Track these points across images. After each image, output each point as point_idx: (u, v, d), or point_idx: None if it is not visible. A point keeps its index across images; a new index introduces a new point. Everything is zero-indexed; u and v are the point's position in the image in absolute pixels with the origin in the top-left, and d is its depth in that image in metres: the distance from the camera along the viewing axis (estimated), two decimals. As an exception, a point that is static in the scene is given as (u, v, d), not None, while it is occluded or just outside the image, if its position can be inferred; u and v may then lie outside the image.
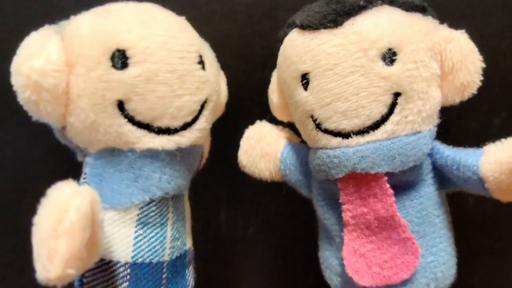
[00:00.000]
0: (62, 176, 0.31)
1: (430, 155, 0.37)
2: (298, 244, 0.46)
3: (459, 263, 0.39)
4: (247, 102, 0.43)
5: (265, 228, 0.51)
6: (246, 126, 0.43)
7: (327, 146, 0.36)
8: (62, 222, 0.28)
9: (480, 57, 0.36)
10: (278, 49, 0.39)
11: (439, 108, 0.36)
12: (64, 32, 0.34)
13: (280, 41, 0.39)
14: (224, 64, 0.46)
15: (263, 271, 0.52)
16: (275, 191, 0.45)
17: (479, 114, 0.46)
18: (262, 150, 0.42)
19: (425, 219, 0.36)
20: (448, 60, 0.35)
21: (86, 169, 0.35)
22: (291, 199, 0.44)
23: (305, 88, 0.36)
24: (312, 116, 0.36)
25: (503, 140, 0.34)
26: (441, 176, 0.38)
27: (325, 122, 0.35)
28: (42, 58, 0.31)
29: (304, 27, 0.36)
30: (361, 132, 0.34)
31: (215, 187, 0.50)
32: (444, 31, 0.36)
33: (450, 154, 0.36)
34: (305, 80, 0.36)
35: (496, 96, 0.45)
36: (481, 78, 0.36)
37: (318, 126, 0.36)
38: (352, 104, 0.34)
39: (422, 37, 0.35)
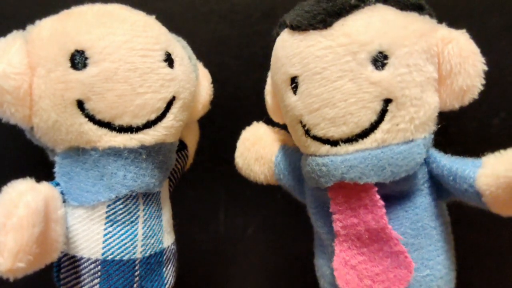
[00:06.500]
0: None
1: (427, 163, 0.35)
2: (298, 244, 0.46)
3: (458, 264, 0.38)
4: (246, 102, 0.42)
5: (264, 228, 0.51)
6: (245, 126, 0.43)
7: (316, 154, 0.34)
8: (10, 217, 0.29)
9: (482, 59, 0.34)
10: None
11: (435, 114, 0.34)
12: (28, 36, 0.35)
13: (274, 41, 0.38)
14: (223, 64, 0.46)
15: (263, 271, 0.52)
16: (274, 191, 0.45)
17: (478, 114, 0.45)
18: (257, 153, 0.41)
19: (420, 231, 0.35)
20: (445, 63, 0.33)
21: (56, 168, 0.36)
22: (290, 199, 0.43)
23: (294, 92, 0.34)
24: (301, 122, 0.34)
25: (502, 151, 0.31)
26: (439, 186, 0.35)
27: (313, 128, 0.33)
28: (4, 62, 0.33)
29: (293, 27, 0.34)
30: (350, 140, 0.33)
31: (215, 187, 0.50)
32: (443, 31, 0.34)
33: (447, 163, 0.34)
34: (294, 83, 0.34)
35: (495, 96, 0.44)
36: (483, 81, 0.34)
37: (307, 132, 0.34)
38: (340, 110, 0.32)
39: (417, 39, 0.33)
